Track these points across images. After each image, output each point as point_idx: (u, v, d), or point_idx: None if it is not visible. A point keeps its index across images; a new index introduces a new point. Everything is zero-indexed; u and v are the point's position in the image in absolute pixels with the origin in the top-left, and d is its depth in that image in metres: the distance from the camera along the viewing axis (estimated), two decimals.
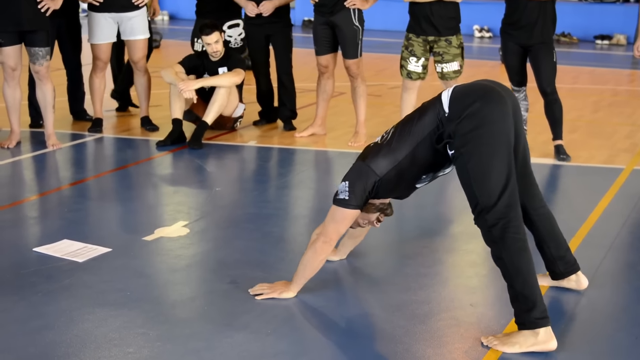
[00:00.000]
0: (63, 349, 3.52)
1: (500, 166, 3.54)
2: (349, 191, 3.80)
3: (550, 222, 4.05)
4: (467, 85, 3.78)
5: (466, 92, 3.69)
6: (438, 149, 3.70)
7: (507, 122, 3.59)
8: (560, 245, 4.08)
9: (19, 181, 6.27)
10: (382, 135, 3.90)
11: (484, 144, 3.55)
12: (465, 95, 3.67)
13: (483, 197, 3.55)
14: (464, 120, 3.58)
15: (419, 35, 6.83)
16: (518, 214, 3.57)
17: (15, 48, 6.69)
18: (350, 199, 3.81)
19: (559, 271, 4.13)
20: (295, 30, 8.24)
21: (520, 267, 3.56)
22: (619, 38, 15.61)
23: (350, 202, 3.82)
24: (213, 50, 7.23)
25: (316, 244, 3.94)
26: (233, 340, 3.62)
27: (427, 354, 3.56)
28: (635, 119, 8.54)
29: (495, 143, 3.55)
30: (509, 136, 3.59)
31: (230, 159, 7.01)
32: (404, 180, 3.86)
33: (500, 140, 3.56)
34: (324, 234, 3.92)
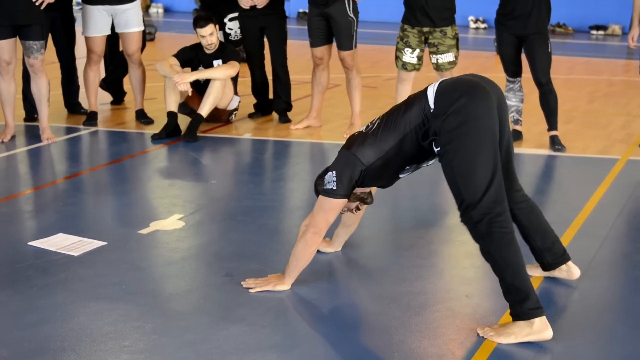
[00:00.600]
0: (58, 342, 3.52)
1: (486, 162, 3.54)
2: (337, 181, 3.82)
3: (534, 215, 4.05)
4: (453, 81, 3.75)
5: (452, 88, 3.66)
6: (423, 145, 3.70)
7: (492, 117, 3.58)
8: (546, 237, 4.08)
9: (14, 175, 6.27)
10: (367, 125, 3.92)
11: (470, 140, 3.55)
12: (450, 90, 3.64)
13: (468, 193, 3.56)
14: (450, 117, 3.57)
15: (414, 27, 6.83)
16: (504, 208, 3.57)
17: (10, 42, 6.67)
18: (337, 189, 3.82)
19: (547, 262, 4.13)
20: (290, 22, 8.24)
21: (510, 260, 3.56)
22: (614, 28, 15.62)
23: (338, 192, 3.83)
24: (207, 43, 7.22)
25: (306, 235, 3.94)
26: (228, 332, 3.62)
27: (422, 346, 3.57)
28: (630, 109, 8.55)
29: (480, 139, 3.55)
30: (494, 131, 3.58)
31: (226, 151, 7.00)
32: (389, 170, 3.87)
33: (486, 136, 3.55)
34: (313, 225, 3.93)
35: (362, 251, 4.62)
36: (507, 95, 7.02)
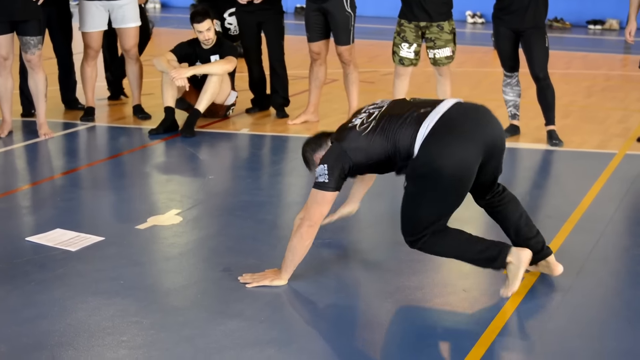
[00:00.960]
0: (56, 337, 3.52)
1: (435, 209, 3.79)
2: (328, 174, 3.85)
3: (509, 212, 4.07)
4: (445, 128, 3.76)
5: (438, 139, 3.73)
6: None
7: (465, 169, 3.73)
8: (520, 233, 4.07)
9: (11, 170, 6.26)
10: (361, 118, 3.92)
11: (426, 189, 3.76)
12: (435, 143, 3.73)
13: (406, 230, 3.87)
14: (419, 170, 3.75)
15: (411, 21, 6.82)
16: (440, 226, 3.83)
17: (7, 37, 6.66)
18: (329, 182, 3.85)
19: None
20: (287, 17, 8.23)
21: (458, 246, 3.84)
22: (612, 23, 15.61)
23: (330, 185, 3.86)
24: (205, 38, 7.22)
25: (301, 229, 3.94)
26: (226, 327, 3.63)
27: (420, 340, 3.57)
28: (627, 103, 8.55)
29: (437, 193, 3.76)
30: (461, 182, 3.75)
31: (223, 146, 7.00)
32: (377, 170, 4.08)
33: (446, 190, 3.75)
34: (308, 218, 3.93)
35: (360, 246, 4.62)
36: (504, 90, 7.02)
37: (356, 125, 3.91)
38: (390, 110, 3.90)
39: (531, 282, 4.11)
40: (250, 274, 4.11)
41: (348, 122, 4.00)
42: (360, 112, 4.01)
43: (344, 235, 4.77)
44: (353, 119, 3.98)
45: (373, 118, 3.87)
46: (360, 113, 3.99)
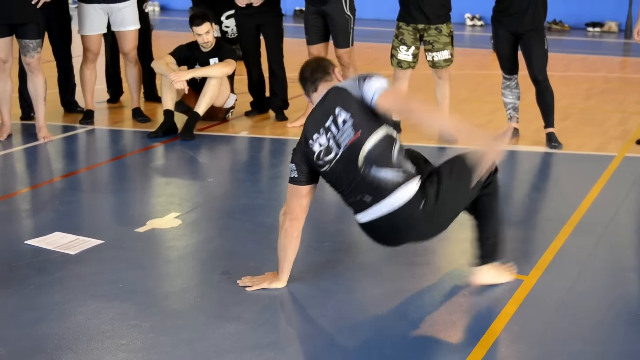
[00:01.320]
0: (56, 341, 3.52)
1: None
2: (297, 170, 3.91)
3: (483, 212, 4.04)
4: (375, 234, 3.98)
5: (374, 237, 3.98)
6: None
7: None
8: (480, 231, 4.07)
9: (10, 174, 6.26)
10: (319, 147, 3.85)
11: None
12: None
13: None
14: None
15: (409, 24, 6.82)
16: None
17: (6, 40, 6.66)
18: (299, 176, 3.92)
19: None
20: (286, 20, 8.23)
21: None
22: (611, 25, 15.61)
23: (301, 179, 3.92)
24: (204, 41, 7.22)
25: (285, 224, 3.97)
26: (225, 331, 3.62)
27: (419, 343, 3.57)
28: (626, 106, 8.55)
29: None
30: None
31: (222, 149, 7.00)
32: None
33: None
34: (289, 212, 3.97)
35: (359, 249, 4.62)
36: (503, 93, 7.03)
37: (314, 152, 3.85)
38: (342, 165, 3.82)
39: (531, 284, 4.12)
40: (249, 277, 4.11)
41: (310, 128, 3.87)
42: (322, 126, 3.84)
43: (342, 238, 4.77)
44: (314, 133, 3.84)
45: (330, 160, 3.83)
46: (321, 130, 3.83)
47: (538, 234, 5.00)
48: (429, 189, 3.79)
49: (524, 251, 4.64)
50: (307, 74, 4.02)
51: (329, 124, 3.82)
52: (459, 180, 3.83)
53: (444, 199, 3.81)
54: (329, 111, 3.85)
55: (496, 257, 4.06)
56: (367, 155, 3.76)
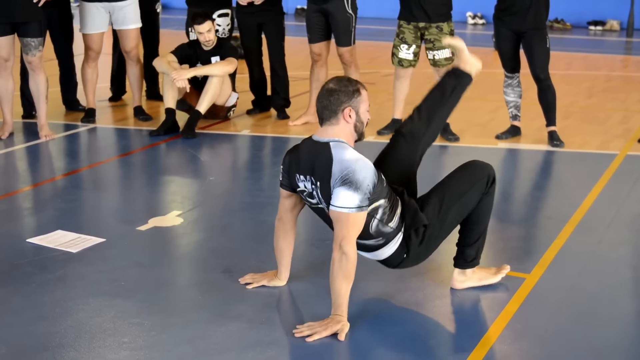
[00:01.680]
0: (57, 339, 3.52)
1: None
2: (282, 174, 3.91)
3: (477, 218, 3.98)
4: None
5: None
6: None
7: None
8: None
9: (12, 172, 6.26)
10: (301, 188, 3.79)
11: None
12: None
13: None
14: None
15: (410, 22, 6.82)
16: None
17: (8, 39, 6.66)
18: (283, 180, 3.92)
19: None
20: (288, 18, 8.23)
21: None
22: (612, 24, 15.60)
23: (283, 182, 3.92)
24: (205, 40, 7.22)
25: (275, 224, 4.03)
26: (227, 329, 3.62)
27: (420, 341, 3.57)
28: (628, 104, 8.55)
29: None
30: None
31: (224, 148, 7.00)
32: None
33: None
34: (278, 213, 4.02)
35: None
36: (505, 91, 7.02)
37: (299, 187, 3.80)
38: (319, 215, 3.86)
39: (533, 282, 4.11)
40: (251, 274, 4.11)
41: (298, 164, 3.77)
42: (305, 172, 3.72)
43: None
44: (301, 173, 3.74)
45: (310, 203, 3.82)
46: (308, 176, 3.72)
47: (540, 232, 5.00)
48: (412, 241, 3.81)
49: (526, 249, 4.65)
50: (318, 107, 3.74)
51: (314, 180, 3.70)
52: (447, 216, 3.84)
53: (428, 241, 3.85)
54: (316, 173, 3.68)
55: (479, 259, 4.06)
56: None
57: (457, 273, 4.04)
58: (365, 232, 3.70)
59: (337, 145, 3.66)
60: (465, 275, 4.04)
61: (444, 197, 3.85)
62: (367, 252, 3.88)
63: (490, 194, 3.95)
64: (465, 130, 7.20)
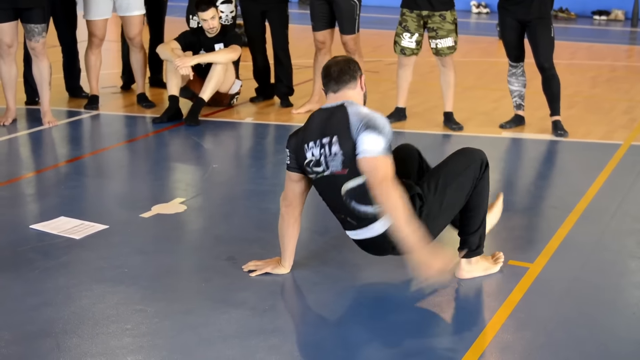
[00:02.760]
0: (61, 325, 3.52)
1: None
2: (289, 157, 3.91)
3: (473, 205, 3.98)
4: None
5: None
6: None
7: None
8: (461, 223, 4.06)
9: (15, 158, 6.26)
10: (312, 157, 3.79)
11: None
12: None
13: None
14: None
15: (413, 10, 6.79)
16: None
17: (11, 25, 6.65)
18: (291, 163, 3.91)
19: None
20: (292, 6, 8.22)
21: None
22: (617, 13, 15.55)
23: (292, 166, 3.91)
24: (209, 27, 7.20)
25: (281, 210, 3.99)
26: (230, 316, 3.62)
27: (423, 330, 3.57)
28: (633, 94, 8.52)
29: None
30: None
31: (227, 135, 6.99)
32: None
33: None
34: (284, 198, 3.99)
35: None
36: (509, 80, 7.00)
37: (306, 159, 3.81)
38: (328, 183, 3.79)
39: (537, 272, 4.11)
40: (254, 262, 4.11)
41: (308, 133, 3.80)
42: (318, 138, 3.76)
43: None
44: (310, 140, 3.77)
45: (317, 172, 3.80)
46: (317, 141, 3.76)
47: (544, 221, 4.99)
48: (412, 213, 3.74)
49: (530, 239, 4.64)
50: (334, 73, 3.84)
51: (325, 142, 3.74)
52: (443, 195, 3.81)
53: (427, 216, 3.79)
54: (328, 131, 3.74)
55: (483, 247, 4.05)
56: (349, 190, 3.74)
57: (464, 263, 4.02)
58: (368, 197, 3.67)
59: (351, 104, 3.78)
60: (471, 265, 4.03)
61: (439, 177, 3.86)
62: (364, 226, 3.79)
63: (485, 179, 3.95)
64: (469, 120, 7.19)
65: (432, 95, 7.96)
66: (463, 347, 3.42)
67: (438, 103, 7.39)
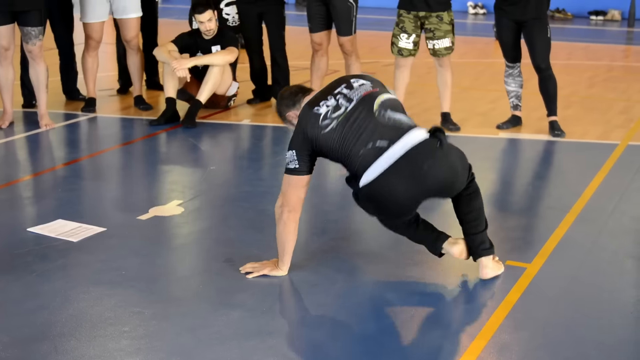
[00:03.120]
0: (58, 328, 3.52)
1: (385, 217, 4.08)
2: (297, 159, 3.86)
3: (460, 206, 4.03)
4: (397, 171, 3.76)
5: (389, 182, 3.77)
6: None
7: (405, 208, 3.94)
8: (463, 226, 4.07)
9: (13, 161, 6.25)
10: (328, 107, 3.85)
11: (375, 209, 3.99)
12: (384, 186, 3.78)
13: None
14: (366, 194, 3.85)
15: (410, 11, 6.80)
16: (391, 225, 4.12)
17: (8, 27, 6.65)
18: (300, 166, 3.87)
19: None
20: (288, 7, 8.22)
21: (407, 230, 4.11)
22: (614, 13, 15.56)
23: (301, 169, 3.87)
24: (206, 29, 7.20)
25: (283, 216, 3.94)
26: (228, 318, 3.62)
27: (421, 331, 3.57)
28: (629, 94, 8.53)
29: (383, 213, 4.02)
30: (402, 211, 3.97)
31: (224, 137, 6.99)
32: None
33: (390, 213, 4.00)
34: (286, 204, 3.92)
35: (361, 236, 4.61)
36: (506, 81, 7.01)
37: (320, 114, 3.84)
38: (354, 115, 3.81)
39: (534, 272, 4.11)
40: (251, 263, 4.11)
41: (316, 100, 3.90)
42: (331, 93, 3.90)
43: (344, 225, 4.77)
44: (321, 101, 3.87)
45: (338, 115, 3.81)
46: (329, 96, 3.88)
47: (541, 222, 5.00)
48: (439, 135, 3.78)
49: (527, 239, 4.64)
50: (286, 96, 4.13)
51: (340, 89, 3.90)
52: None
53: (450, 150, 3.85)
54: (339, 83, 3.94)
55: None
56: (383, 102, 3.85)
57: (486, 261, 4.02)
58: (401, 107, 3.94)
59: None
60: (492, 262, 4.04)
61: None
62: (402, 134, 3.79)
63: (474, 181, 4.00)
64: (466, 120, 7.19)
65: (429, 96, 7.96)
66: (461, 348, 3.42)
67: (435, 104, 7.40)
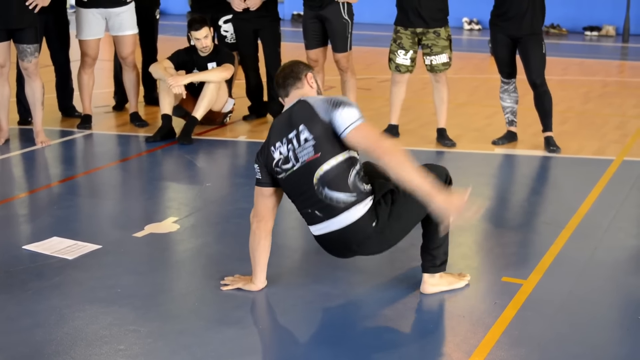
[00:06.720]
0: (54, 346, 3.51)
1: None
2: (260, 172, 3.97)
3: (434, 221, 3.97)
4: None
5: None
6: None
7: None
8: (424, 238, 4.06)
9: (8, 179, 6.25)
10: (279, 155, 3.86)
11: None
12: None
13: None
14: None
15: (407, 28, 6.82)
16: None
17: (4, 45, 6.66)
18: (262, 178, 3.97)
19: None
20: (284, 24, 8.24)
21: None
22: (608, 29, 15.63)
23: (263, 181, 3.97)
24: (202, 46, 7.22)
25: (252, 226, 4.01)
26: (224, 335, 3.61)
27: (418, 348, 3.56)
28: (625, 109, 8.55)
29: None
30: None
31: (220, 154, 6.99)
32: None
33: None
34: (255, 214, 4.01)
35: None
36: (501, 97, 7.03)
37: (274, 159, 3.89)
38: (297, 178, 3.83)
39: (530, 288, 4.11)
40: (230, 277, 4.13)
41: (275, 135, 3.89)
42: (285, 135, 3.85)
43: None
44: (277, 141, 3.86)
45: (286, 169, 3.85)
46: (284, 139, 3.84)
47: (537, 237, 5.00)
48: (382, 208, 3.79)
49: (523, 255, 4.64)
50: (279, 80, 4.02)
51: (292, 136, 3.82)
52: (413, 199, 3.74)
53: (397, 217, 3.81)
54: (293, 124, 3.83)
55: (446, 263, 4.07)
56: (323, 175, 3.76)
57: (427, 277, 4.03)
58: (343, 181, 3.74)
59: (308, 97, 3.91)
60: (435, 279, 4.04)
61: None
62: (333, 216, 3.79)
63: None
64: (461, 136, 7.20)
65: (425, 112, 7.97)
66: None
67: (431, 120, 7.41)
